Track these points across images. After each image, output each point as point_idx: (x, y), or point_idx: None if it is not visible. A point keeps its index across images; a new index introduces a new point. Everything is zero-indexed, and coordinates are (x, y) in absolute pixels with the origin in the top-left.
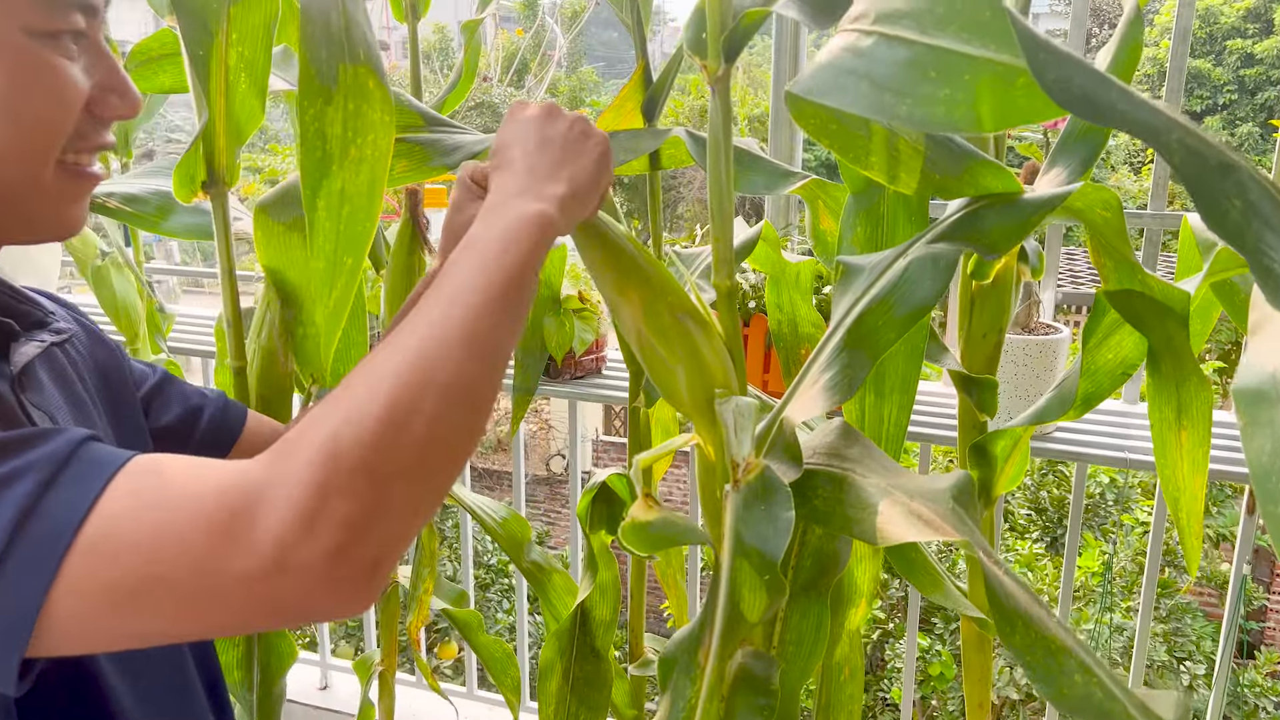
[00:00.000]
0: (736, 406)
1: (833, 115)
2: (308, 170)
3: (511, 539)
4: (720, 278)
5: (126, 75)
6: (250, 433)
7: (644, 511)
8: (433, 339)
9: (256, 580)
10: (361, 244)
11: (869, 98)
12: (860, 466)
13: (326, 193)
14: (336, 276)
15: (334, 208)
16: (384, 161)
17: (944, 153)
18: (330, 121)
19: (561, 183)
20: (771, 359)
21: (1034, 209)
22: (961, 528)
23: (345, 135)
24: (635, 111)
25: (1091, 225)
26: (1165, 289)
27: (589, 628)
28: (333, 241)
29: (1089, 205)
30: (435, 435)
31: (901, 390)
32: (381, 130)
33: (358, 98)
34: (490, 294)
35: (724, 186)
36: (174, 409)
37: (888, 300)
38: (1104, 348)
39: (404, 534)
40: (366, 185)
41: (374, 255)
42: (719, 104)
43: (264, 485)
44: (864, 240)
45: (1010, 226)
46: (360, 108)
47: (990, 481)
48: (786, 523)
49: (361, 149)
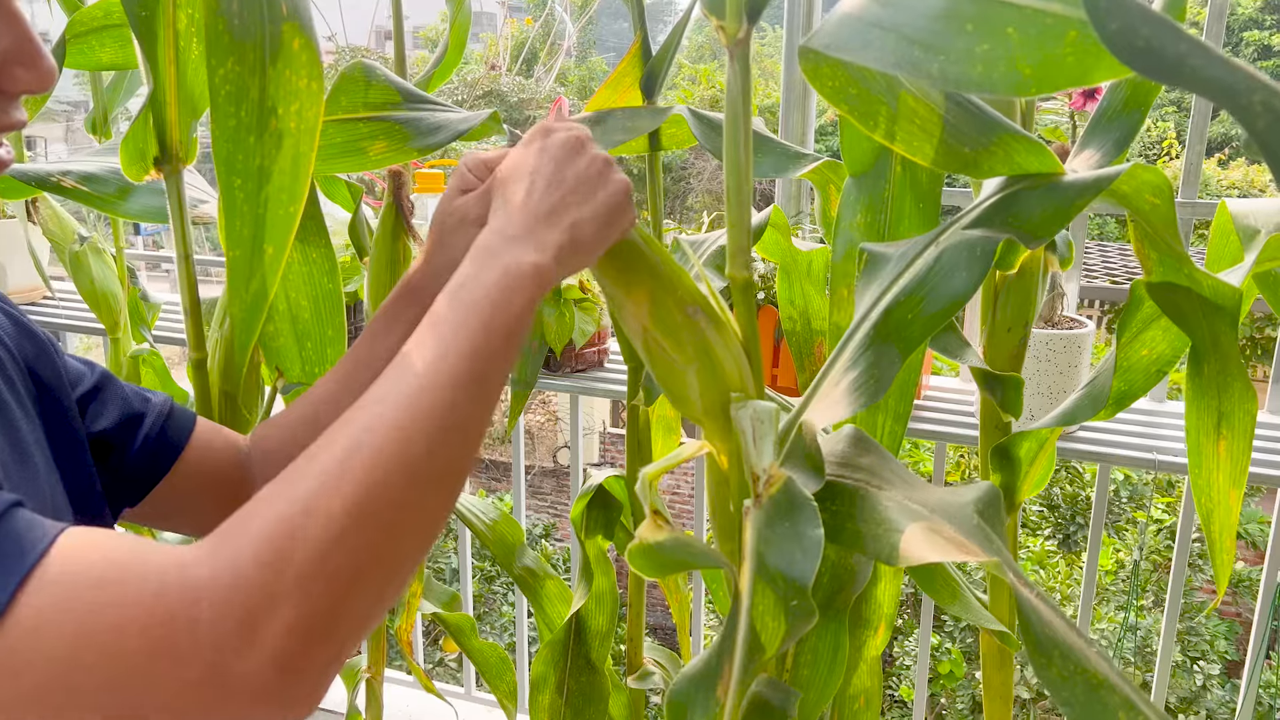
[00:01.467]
0: (755, 412)
1: (853, 78)
2: (220, 142)
3: (502, 543)
4: (736, 268)
5: (39, 44)
6: (200, 444)
7: (653, 531)
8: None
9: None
10: (284, 230)
11: (897, 53)
12: (875, 478)
13: (243, 170)
14: (255, 267)
15: (252, 188)
16: (311, 136)
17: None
18: (246, 86)
19: (564, 231)
20: (780, 353)
21: (1078, 192)
22: (989, 546)
23: (264, 103)
24: (633, 88)
25: (1138, 212)
26: (1216, 284)
27: (584, 638)
28: (251, 226)
29: (1136, 190)
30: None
31: (898, 397)
32: (308, 100)
33: (280, 59)
34: (475, 362)
35: (742, 165)
36: (111, 414)
37: (918, 293)
38: (1138, 343)
39: (361, 633)
40: (290, 163)
41: (357, 242)
42: (738, 71)
43: (205, 585)
44: (864, 227)
45: (1052, 211)
46: (283, 72)
47: (1014, 486)
48: (815, 542)
49: (284, 120)
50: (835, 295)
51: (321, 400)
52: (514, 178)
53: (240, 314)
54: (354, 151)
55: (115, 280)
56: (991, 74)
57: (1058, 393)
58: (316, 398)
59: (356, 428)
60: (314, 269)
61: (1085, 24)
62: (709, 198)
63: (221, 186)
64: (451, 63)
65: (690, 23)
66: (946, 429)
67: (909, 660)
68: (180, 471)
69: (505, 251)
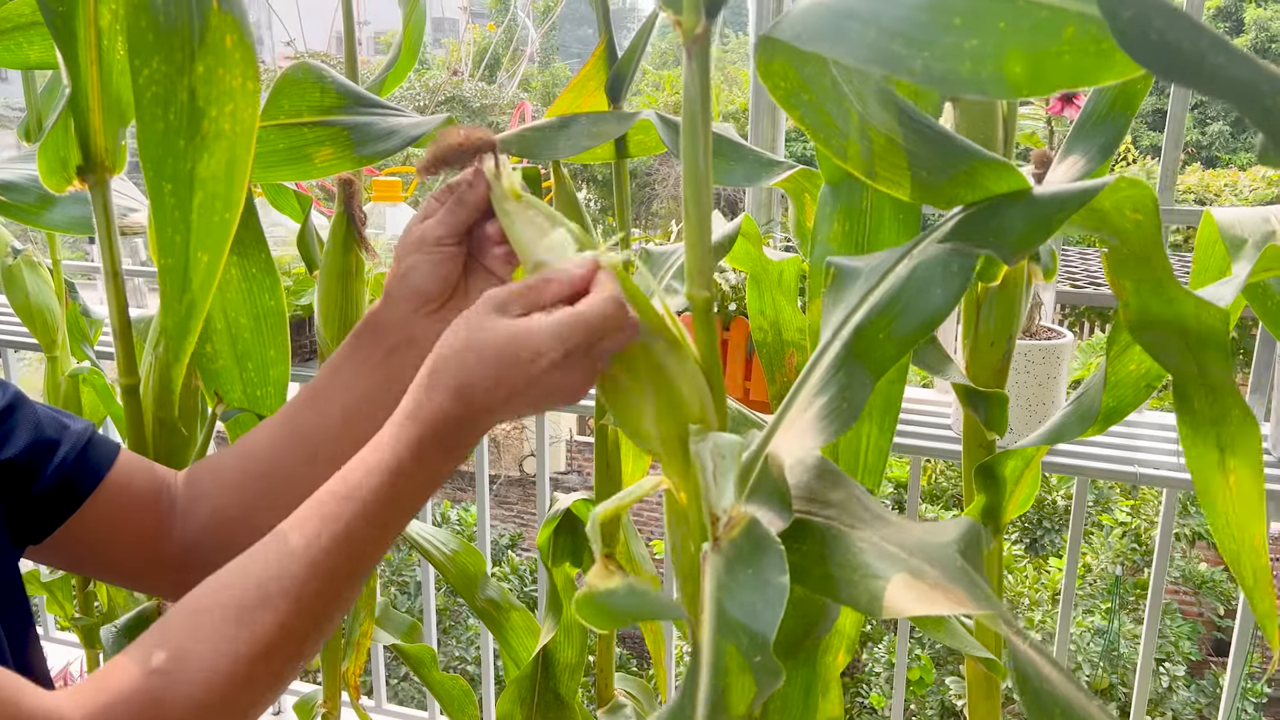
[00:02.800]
0: (715, 446)
1: (805, 82)
2: (147, 146)
3: (463, 574)
4: (695, 288)
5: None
6: (120, 479)
7: (603, 578)
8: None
9: None
10: (219, 238)
11: (874, 47)
12: (846, 515)
13: (173, 175)
14: (189, 276)
15: (184, 194)
16: (247, 140)
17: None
18: (174, 87)
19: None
20: (753, 366)
21: (1059, 206)
22: (975, 592)
23: (194, 105)
24: (598, 92)
25: (1118, 231)
26: (1200, 306)
27: (553, 672)
28: (183, 234)
29: (1117, 205)
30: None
31: (884, 410)
32: (244, 101)
33: (211, 57)
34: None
35: (701, 175)
36: (20, 440)
37: (890, 310)
38: (1126, 357)
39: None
40: (224, 168)
41: (306, 254)
42: (696, 70)
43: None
44: (841, 238)
45: (1031, 226)
46: (214, 71)
47: (999, 507)
48: (779, 591)
49: (217, 123)
50: (814, 308)
51: (260, 449)
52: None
53: (174, 325)
54: (298, 159)
55: (51, 295)
56: (980, 73)
57: (1037, 405)
58: (255, 446)
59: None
60: (254, 285)
61: (1084, 19)
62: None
63: (151, 193)
64: (405, 65)
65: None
66: (922, 442)
67: (878, 667)
68: (94, 507)
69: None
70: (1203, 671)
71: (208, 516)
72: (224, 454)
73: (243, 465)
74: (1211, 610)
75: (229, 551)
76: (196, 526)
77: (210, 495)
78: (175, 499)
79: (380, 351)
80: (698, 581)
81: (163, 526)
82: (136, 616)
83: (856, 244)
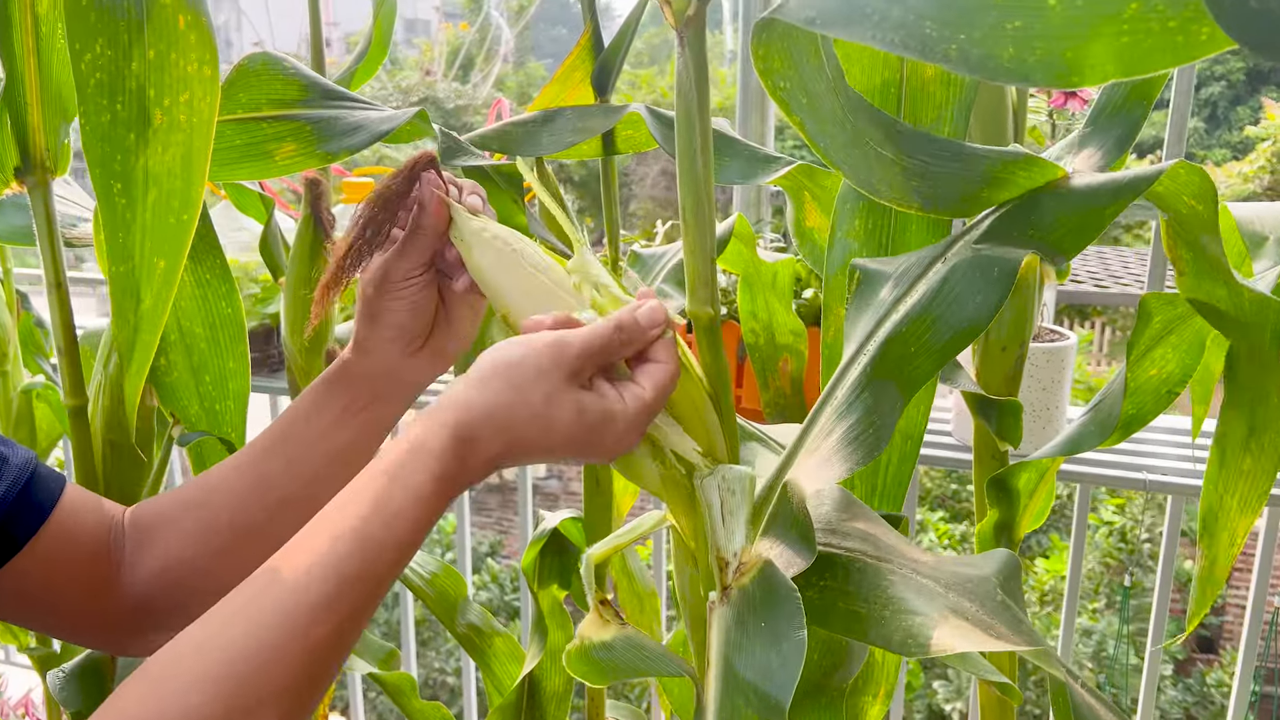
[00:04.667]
0: (725, 481)
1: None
2: (92, 141)
3: (443, 599)
4: (699, 304)
5: None
6: (66, 516)
7: (597, 628)
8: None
9: None
10: (177, 242)
11: (901, 28)
12: (871, 547)
13: (123, 173)
14: (145, 284)
15: (136, 194)
16: (206, 132)
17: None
18: (121, 73)
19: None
20: (745, 372)
21: (1110, 196)
22: (1018, 629)
23: (145, 93)
24: (584, 83)
25: (1176, 215)
26: (1255, 300)
27: (539, 700)
28: (137, 238)
29: (1174, 191)
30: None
31: (904, 433)
32: (201, 89)
33: (162, 40)
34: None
35: (699, 175)
36: None
37: (922, 321)
38: (1146, 362)
39: None
40: (181, 163)
41: (271, 261)
42: (690, 58)
43: None
44: (864, 235)
45: (1080, 220)
46: (167, 55)
47: (1013, 521)
48: (796, 647)
49: (171, 113)
50: (830, 315)
51: (217, 487)
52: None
53: (128, 340)
54: (256, 155)
55: (1, 305)
56: (1025, 58)
57: (1041, 410)
58: (213, 483)
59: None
60: (208, 291)
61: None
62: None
63: (99, 192)
64: (375, 58)
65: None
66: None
67: None
68: (39, 548)
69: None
70: (1189, 670)
71: (161, 568)
72: (177, 497)
73: (203, 514)
74: None
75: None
76: (147, 577)
77: (165, 544)
78: (123, 542)
79: (362, 399)
80: (703, 628)
81: (109, 574)
82: (86, 660)
83: (881, 243)
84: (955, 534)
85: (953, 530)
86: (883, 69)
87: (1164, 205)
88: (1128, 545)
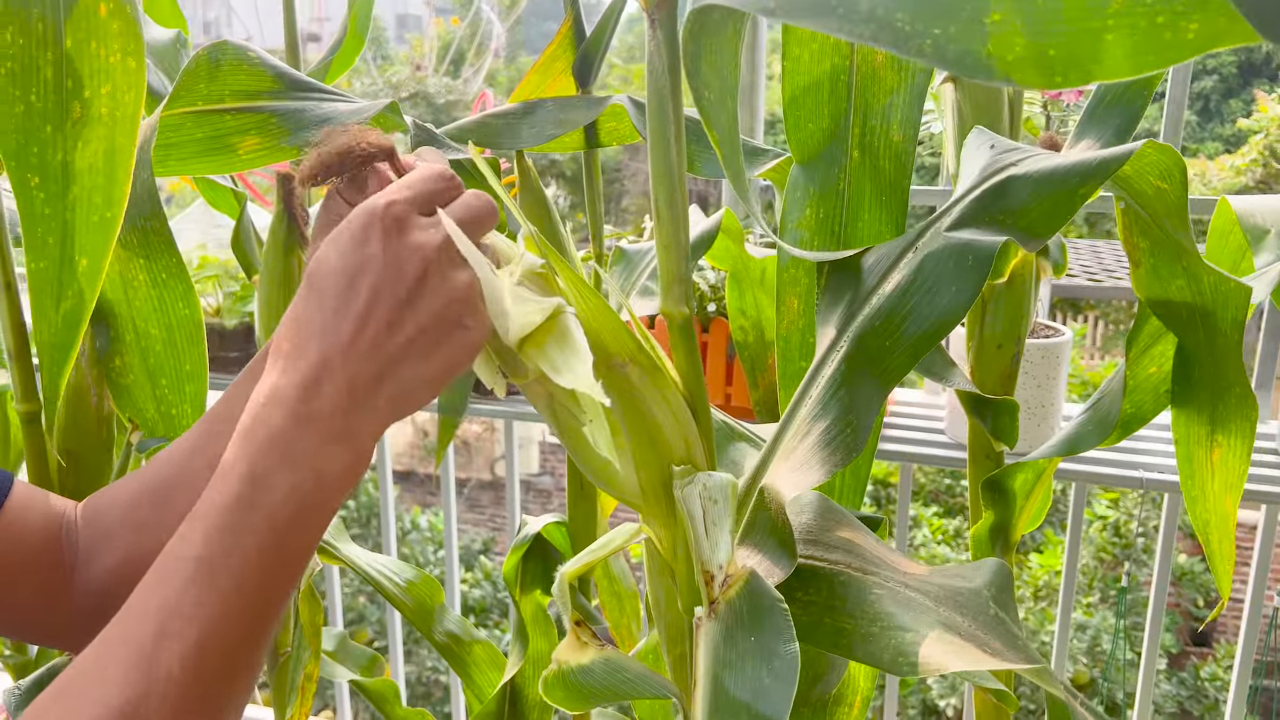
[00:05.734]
0: (705, 489)
1: None
2: (5, 133)
3: (420, 607)
4: (673, 303)
5: None
6: (14, 516)
7: (575, 651)
8: None
9: None
10: (101, 239)
11: (872, 22)
12: (855, 558)
13: (40, 166)
14: (66, 282)
15: (55, 189)
16: (131, 125)
17: None
18: (35, 62)
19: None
20: (735, 370)
21: (1082, 176)
22: (1013, 644)
23: (61, 84)
24: (565, 73)
25: (1138, 195)
26: (1218, 280)
27: (521, 709)
28: (57, 234)
29: (1140, 171)
30: None
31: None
32: (124, 80)
33: (81, 29)
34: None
35: (672, 164)
36: None
37: (897, 313)
38: (1146, 359)
39: None
40: (103, 158)
41: (244, 258)
42: (662, 41)
43: None
44: (815, 225)
45: (1051, 201)
46: (86, 45)
47: (1009, 523)
48: (789, 663)
49: (92, 106)
50: (783, 305)
51: (170, 475)
52: (331, 300)
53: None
54: (218, 149)
55: None
56: (1004, 54)
57: (1036, 408)
58: (165, 471)
59: None
60: (164, 291)
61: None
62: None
63: (15, 187)
64: (351, 49)
65: None
66: (912, 449)
67: None
68: None
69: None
70: (1183, 664)
71: (119, 562)
72: (129, 485)
73: (158, 503)
74: (1190, 601)
75: None
76: (102, 573)
77: (120, 536)
78: (76, 538)
79: None
80: (684, 643)
81: (63, 573)
82: (46, 673)
83: (833, 232)
84: (949, 529)
85: (947, 525)
86: (832, 54)
87: (1129, 188)
88: (1121, 539)
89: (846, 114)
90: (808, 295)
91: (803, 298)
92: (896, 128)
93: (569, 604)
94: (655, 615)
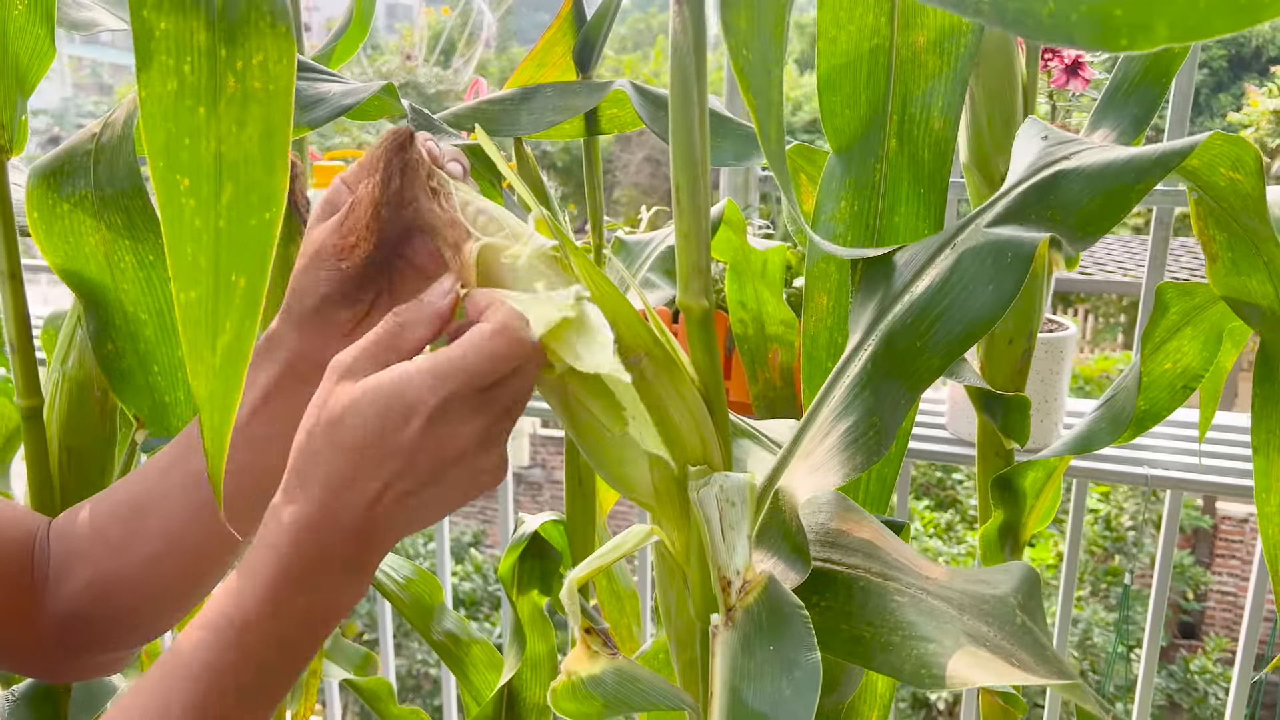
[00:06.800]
0: (723, 490)
1: None
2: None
3: (418, 605)
4: (693, 295)
5: None
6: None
7: (585, 661)
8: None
9: None
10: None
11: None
12: (874, 562)
13: (192, 163)
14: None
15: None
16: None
17: None
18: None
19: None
20: (733, 364)
21: (1139, 172)
22: (1042, 657)
23: (216, 50)
24: (565, 58)
25: (1208, 188)
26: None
27: (518, 712)
28: (210, 251)
29: (1209, 163)
30: None
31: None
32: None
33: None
34: None
35: (696, 151)
36: None
37: (929, 312)
38: (1161, 355)
39: None
40: (259, 144)
41: None
42: (688, 18)
43: None
44: (849, 217)
45: (1104, 198)
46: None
47: (1019, 522)
48: (810, 674)
49: (246, 79)
50: (811, 303)
51: (141, 488)
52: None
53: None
54: None
55: None
56: (1068, 14)
57: (1040, 403)
58: (134, 487)
59: None
60: (152, 274)
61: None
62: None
63: (161, 196)
64: (355, 37)
65: None
66: (913, 443)
67: None
68: None
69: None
70: (1172, 656)
71: (87, 582)
72: (100, 504)
73: (127, 520)
74: (1179, 594)
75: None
76: (71, 593)
77: (89, 555)
78: (47, 556)
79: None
80: (694, 649)
81: (34, 592)
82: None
83: (867, 226)
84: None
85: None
86: (871, 35)
87: (1199, 181)
88: (1113, 533)
89: (885, 100)
90: (838, 292)
91: (832, 294)
92: (938, 115)
93: (578, 612)
94: (665, 620)
